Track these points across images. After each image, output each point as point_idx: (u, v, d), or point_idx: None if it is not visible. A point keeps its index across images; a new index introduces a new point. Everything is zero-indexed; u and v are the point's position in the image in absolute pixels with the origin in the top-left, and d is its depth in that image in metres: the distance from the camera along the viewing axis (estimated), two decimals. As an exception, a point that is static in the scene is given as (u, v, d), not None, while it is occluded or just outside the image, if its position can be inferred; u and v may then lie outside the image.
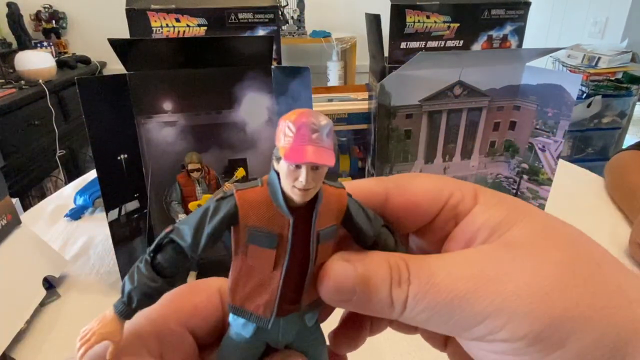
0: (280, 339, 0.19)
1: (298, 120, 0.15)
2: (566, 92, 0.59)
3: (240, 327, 0.19)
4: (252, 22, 0.69)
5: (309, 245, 0.17)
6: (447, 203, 0.19)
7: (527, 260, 0.16)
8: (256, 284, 0.18)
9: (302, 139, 0.15)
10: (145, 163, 0.60)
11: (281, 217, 0.17)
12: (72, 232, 0.78)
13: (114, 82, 0.55)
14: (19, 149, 1.82)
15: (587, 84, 2.17)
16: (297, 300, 0.19)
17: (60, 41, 2.68)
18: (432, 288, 0.16)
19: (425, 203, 0.19)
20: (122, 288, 0.18)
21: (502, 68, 0.63)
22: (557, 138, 0.62)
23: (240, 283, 0.19)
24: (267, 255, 0.18)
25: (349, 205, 0.18)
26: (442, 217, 0.19)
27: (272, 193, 0.17)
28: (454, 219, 0.19)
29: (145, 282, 0.18)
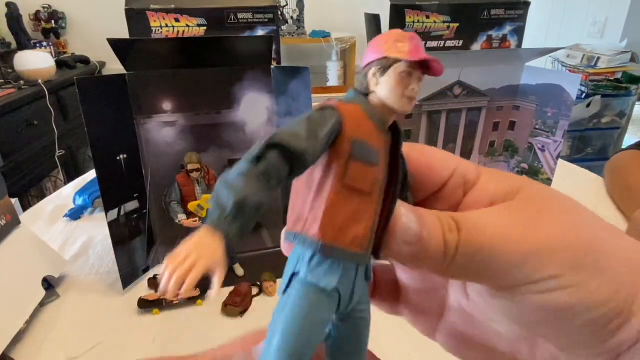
0: (354, 296, 0.17)
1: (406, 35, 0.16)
2: (565, 92, 0.59)
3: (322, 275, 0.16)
4: (252, 22, 0.69)
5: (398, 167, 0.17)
6: (456, 169, 0.20)
7: (549, 209, 0.18)
8: (352, 212, 0.16)
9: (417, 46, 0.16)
10: (145, 163, 0.60)
11: (378, 133, 0.16)
12: (72, 232, 0.78)
13: (113, 82, 0.55)
14: (18, 149, 1.82)
15: (586, 84, 2.17)
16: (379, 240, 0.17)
17: (60, 41, 2.67)
18: (479, 232, 0.17)
19: (440, 166, 0.20)
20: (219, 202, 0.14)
21: (502, 68, 0.64)
22: (556, 138, 0.62)
23: (334, 212, 0.16)
24: (369, 174, 0.16)
25: None
26: (451, 184, 0.20)
27: (366, 109, 0.16)
28: (462, 187, 0.20)
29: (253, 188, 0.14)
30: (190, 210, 0.63)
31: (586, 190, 0.90)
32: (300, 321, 0.15)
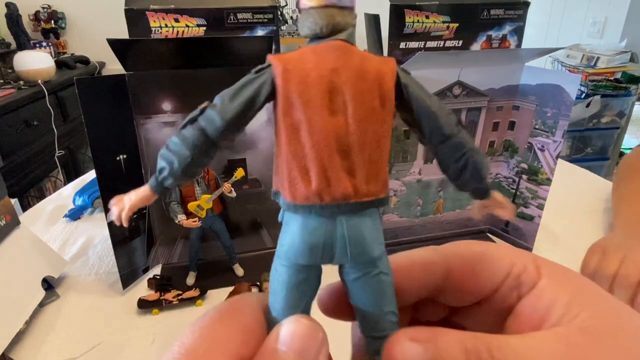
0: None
1: None
2: (565, 92, 0.59)
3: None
4: (251, 22, 0.68)
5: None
6: (509, 273, 0.18)
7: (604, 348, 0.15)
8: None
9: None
10: (145, 163, 0.60)
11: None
12: (71, 232, 0.78)
13: (113, 82, 0.55)
14: (18, 150, 1.82)
15: (586, 84, 2.17)
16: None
17: (59, 41, 2.67)
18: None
19: (488, 273, 0.18)
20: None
21: (501, 68, 0.64)
22: (556, 138, 0.62)
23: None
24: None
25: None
26: (505, 288, 0.18)
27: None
28: (516, 290, 0.18)
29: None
30: (190, 210, 0.63)
31: (585, 190, 0.91)
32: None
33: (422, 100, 0.17)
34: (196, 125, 0.17)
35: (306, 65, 0.16)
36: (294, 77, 0.16)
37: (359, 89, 0.16)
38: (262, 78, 0.16)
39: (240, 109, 0.16)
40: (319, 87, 0.16)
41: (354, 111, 0.16)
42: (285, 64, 0.16)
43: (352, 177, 0.16)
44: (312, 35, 0.17)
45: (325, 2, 0.16)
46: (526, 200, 0.68)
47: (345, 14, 0.16)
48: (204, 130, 0.17)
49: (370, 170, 0.16)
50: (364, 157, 0.16)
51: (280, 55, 0.16)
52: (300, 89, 0.16)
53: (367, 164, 0.16)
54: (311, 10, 0.16)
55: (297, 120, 0.16)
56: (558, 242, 0.72)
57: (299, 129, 0.16)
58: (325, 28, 0.16)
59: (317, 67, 0.16)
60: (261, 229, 0.67)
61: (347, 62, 0.16)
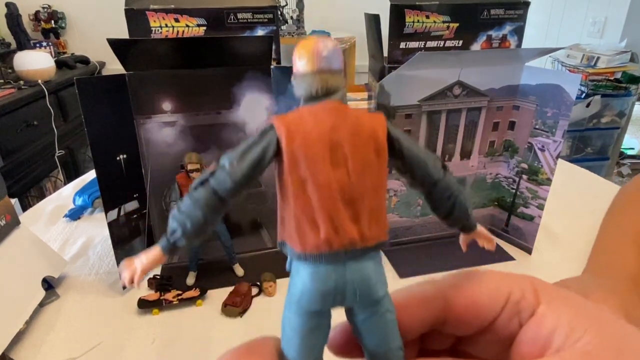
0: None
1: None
2: (565, 92, 0.59)
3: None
4: (252, 22, 0.69)
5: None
6: (508, 301, 0.18)
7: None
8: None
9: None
10: (145, 163, 0.60)
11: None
12: (71, 232, 0.78)
13: (113, 82, 0.55)
14: (18, 149, 1.82)
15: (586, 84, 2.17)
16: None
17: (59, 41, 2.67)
18: None
19: (487, 303, 0.19)
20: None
21: (502, 68, 0.64)
22: (556, 138, 0.62)
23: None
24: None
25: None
26: (504, 316, 0.19)
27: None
28: (516, 317, 0.18)
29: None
30: (190, 211, 0.63)
31: (585, 190, 0.91)
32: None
33: (412, 150, 0.19)
34: (207, 186, 0.18)
35: (307, 125, 0.17)
36: (297, 137, 0.17)
37: (356, 144, 0.17)
38: (267, 139, 0.17)
39: (249, 170, 0.18)
40: (321, 144, 0.17)
41: (353, 164, 0.17)
42: (288, 125, 0.17)
43: (356, 224, 0.17)
44: (308, 97, 0.18)
45: (318, 68, 0.18)
46: (526, 200, 0.68)
47: (336, 77, 0.18)
48: (215, 192, 0.18)
49: (372, 217, 0.18)
50: (365, 205, 0.17)
51: (282, 117, 0.18)
52: (304, 148, 0.17)
53: (369, 211, 0.18)
54: (306, 75, 0.18)
55: (303, 176, 0.17)
56: (558, 242, 0.72)
57: (305, 183, 0.17)
58: (320, 91, 0.18)
59: (317, 126, 0.17)
60: (261, 229, 0.67)
61: (344, 121, 0.17)
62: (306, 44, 0.18)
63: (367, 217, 0.18)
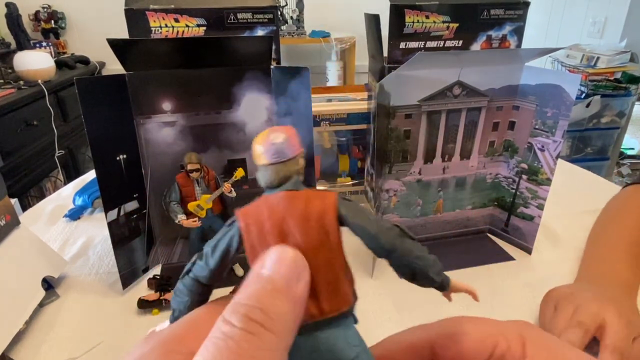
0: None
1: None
2: (565, 92, 0.59)
3: None
4: (251, 22, 0.69)
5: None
6: (493, 353, 0.19)
7: None
8: None
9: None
10: (145, 163, 0.60)
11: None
12: (71, 232, 0.78)
13: (113, 82, 0.55)
14: (17, 150, 1.82)
15: (586, 84, 2.18)
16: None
17: (59, 41, 2.67)
18: None
19: (472, 353, 0.19)
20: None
21: (501, 68, 0.64)
22: (556, 138, 0.62)
23: None
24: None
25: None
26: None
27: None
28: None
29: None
30: (190, 211, 0.63)
31: (585, 190, 0.91)
32: None
33: (361, 226, 0.20)
34: (191, 275, 0.21)
35: (261, 217, 0.19)
36: (254, 229, 0.19)
37: (305, 229, 0.19)
38: (231, 232, 0.20)
39: (220, 258, 0.20)
40: (273, 234, 0.19)
41: (303, 247, 0.19)
42: (245, 218, 0.20)
43: (314, 299, 0.19)
44: (266, 187, 0.20)
45: (270, 161, 0.20)
46: (526, 200, 0.68)
47: (289, 166, 0.20)
48: (197, 279, 0.21)
49: (329, 290, 0.19)
50: (319, 282, 0.19)
51: (243, 210, 0.20)
52: (259, 239, 0.19)
53: (324, 285, 0.19)
54: (262, 167, 0.20)
55: None
56: (558, 242, 0.72)
57: None
58: (274, 181, 0.20)
59: (270, 217, 0.19)
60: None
61: (293, 209, 0.19)
62: (260, 138, 0.20)
63: (325, 291, 0.19)
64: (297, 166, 0.20)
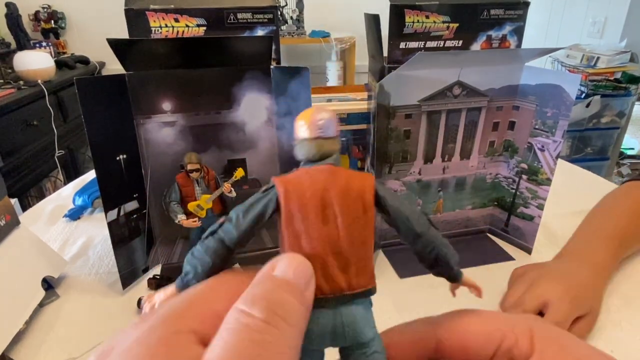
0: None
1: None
2: (565, 92, 0.59)
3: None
4: (251, 22, 0.69)
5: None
6: (499, 347, 0.18)
7: None
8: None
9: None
10: (145, 163, 0.60)
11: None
12: (71, 232, 0.78)
13: (112, 82, 0.55)
14: (17, 150, 1.82)
15: (586, 84, 2.18)
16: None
17: (59, 41, 2.67)
18: None
19: (477, 347, 0.19)
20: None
21: (501, 68, 0.64)
22: (556, 138, 0.62)
23: None
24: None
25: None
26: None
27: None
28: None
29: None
30: (190, 211, 0.63)
31: (585, 190, 0.91)
32: None
33: (397, 208, 0.21)
34: (216, 236, 0.20)
35: (302, 186, 0.20)
36: (294, 196, 0.19)
37: (345, 202, 0.19)
38: (268, 197, 0.20)
39: (252, 223, 0.20)
40: (314, 203, 0.19)
41: (342, 220, 0.19)
42: (286, 185, 0.20)
43: (345, 273, 0.19)
44: (306, 160, 0.21)
45: (315, 135, 0.20)
46: (526, 200, 0.68)
47: (330, 143, 0.21)
48: (223, 241, 0.20)
49: (359, 267, 0.20)
50: (352, 257, 0.19)
51: (281, 177, 0.20)
52: (299, 206, 0.19)
53: (356, 261, 0.20)
54: (304, 141, 0.20)
55: (298, 230, 0.19)
56: (558, 242, 0.71)
57: (300, 236, 0.19)
58: (316, 155, 0.20)
59: (311, 187, 0.19)
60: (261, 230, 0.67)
61: (335, 182, 0.20)
62: (305, 114, 0.21)
63: (355, 267, 0.19)
64: (338, 145, 0.21)
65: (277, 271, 0.18)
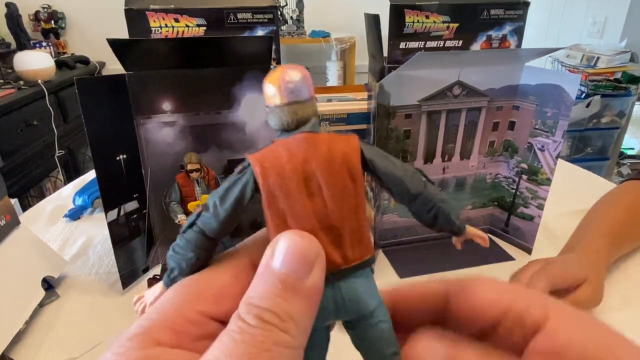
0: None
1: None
2: (565, 92, 0.59)
3: None
4: (251, 22, 0.69)
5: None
6: (510, 310, 0.18)
7: None
8: None
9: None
10: (145, 163, 0.60)
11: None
12: (71, 232, 0.78)
13: (113, 82, 0.55)
14: (17, 149, 1.82)
15: (586, 84, 2.17)
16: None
17: (59, 41, 2.67)
18: None
19: (486, 306, 0.18)
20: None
21: (501, 68, 0.64)
22: (556, 138, 0.62)
23: None
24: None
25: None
26: (505, 325, 0.18)
27: None
28: (519, 330, 0.18)
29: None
30: (190, 211, 0.63)
31: (585, 190, 0.90)
32: None
33: (388, 169, 0.19)
34: (195, 228, 0.19)
35: (280, 160, 0.18)
36: (272, 173, 0.18)
37: (330, 172, 0.18)
38: (244, 178, 0.18)
39: (231, 209, 0.18)
40: (295, 177, 0.18)
41: (328, 192, 0.18)
42: (262, 162, 0.18)
43: (338, 248, 0.18)
44: (281, 129, 0.19)
45: (287, 100, 0.18)
46: (526, 200, 0.68)
47: (306, 107, 0.18)
48: (203, 232, 0.19)
49: (354, 238, 0.18)
50: (345, 229, 0.18)
51: (256, 154, 0.18)
52: (279, 183, 0.18)
53: (349, 233, 0.18)
54: (276, 108, 0.18)
55: (282, 209, 0.18)
56: (558, 242, 0.71)
57: (285, 216, 0.18)
58: (292, 123, 0.18)
59: (290, 160, 0.18)
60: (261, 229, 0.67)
61: (315, 151, 0.18)
62: (273, 77, 0.18)
63: (349, 239, 0.18)
64: (314, 107, 0.19)
65: (275, 260, 0.16)
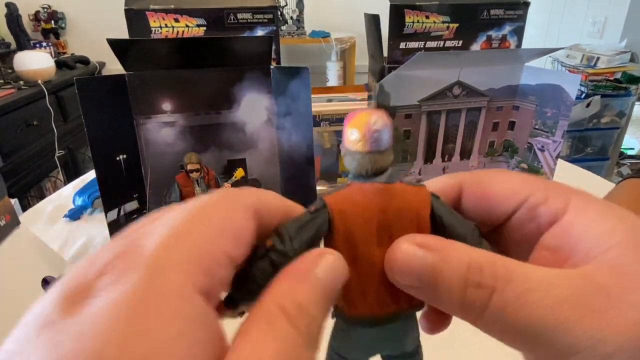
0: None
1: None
2: (565, 92, 0.59)
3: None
4: (251, 22, 0.69)
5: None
6: (525, 202, 0.17)
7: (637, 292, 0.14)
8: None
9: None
10: (145, 163, 0.60)
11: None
12: (71, 232, 0.78)
13: (112, 82, 0.55)
14: (17, 150, 1.82)
15: (586, 84, 2.17)
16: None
17: (59, 41, 2.67)
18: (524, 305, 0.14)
19: (499, 199, 0.18)
20: None
21: (501, 68, 0.64)
22: (556, 138, 0.62)
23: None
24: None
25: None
26: (518, 217, 0.18)
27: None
28: (534, 221, 0.17)
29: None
30: (190, 211, 0.63)
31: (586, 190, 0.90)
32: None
33: (454, 227, 0.19)
34: (267, 259, 0.18)
35: (357, 207, 0.18)
36: (349, 218, 0.18)
37: (401, 225, 0.19)
38: (320, 219, 0.18)
39: (303, 246, 0.18)
40: (370, 226, 0.18)
41: None
42: (339, 206, 0.18)
43: (395, 296, 0.19)
44: (358, 175, 0.19)
45: (369, 149, 0.18)
46: (526, 201, 0.68)
47: (385, 157, 0.19)
48: (274, 264, 0.18)
49: None
50: None
51: (333, 196, 0.18)
52: (354, 229, 0.18)
53: None
54: (356, 153, 0.18)
55: (352, 253, 0.18)
56: (558, 242, 0.72)
57: (354, 260, 0.18)
58: (370, 171, 0.19)
59: (367, 209, 0.18)
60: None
61: (391, 203, 0.19)
62: (358, 121, 0.18)
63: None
64: (391, 157, 0.19)
65: (320, 271, 0.15)
